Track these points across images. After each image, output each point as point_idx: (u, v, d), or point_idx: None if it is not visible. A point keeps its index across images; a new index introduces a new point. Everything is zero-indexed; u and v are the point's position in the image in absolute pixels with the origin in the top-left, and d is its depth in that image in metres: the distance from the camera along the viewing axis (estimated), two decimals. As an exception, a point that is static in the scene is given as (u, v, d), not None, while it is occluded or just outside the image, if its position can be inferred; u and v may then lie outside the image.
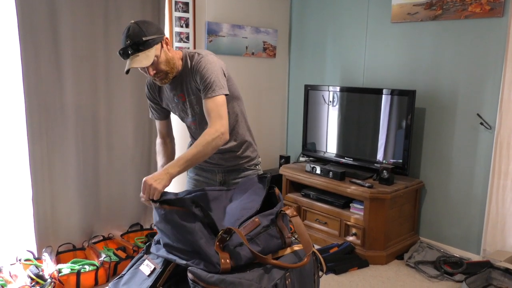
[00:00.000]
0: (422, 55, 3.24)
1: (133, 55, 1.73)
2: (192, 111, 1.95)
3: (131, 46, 1.71)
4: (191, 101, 1.92)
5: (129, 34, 1.72)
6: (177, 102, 1.95)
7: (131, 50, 1.72)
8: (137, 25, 1.74)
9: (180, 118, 2.04)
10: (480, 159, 3.01)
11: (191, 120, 1.98)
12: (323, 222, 3.35)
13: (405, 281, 2.84)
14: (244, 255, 1.46)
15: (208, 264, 1.43)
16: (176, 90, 1.92)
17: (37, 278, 2.48)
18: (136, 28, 1.73)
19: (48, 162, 2.82)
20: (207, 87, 1.78)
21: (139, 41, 1.71)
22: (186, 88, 1.90)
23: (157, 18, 3.14)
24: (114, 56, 3.00)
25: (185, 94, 1.91)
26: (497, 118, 2.86)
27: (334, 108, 3.56)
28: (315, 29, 3.96)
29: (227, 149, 2.00)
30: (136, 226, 3.30)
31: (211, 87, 1.78)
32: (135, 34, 1.72)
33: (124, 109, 3.11)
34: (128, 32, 1.72)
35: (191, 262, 1.46)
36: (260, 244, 1.51)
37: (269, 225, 1.56)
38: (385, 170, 3.11)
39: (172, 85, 1.91)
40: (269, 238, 1.55)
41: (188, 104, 1.93)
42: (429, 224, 3.34)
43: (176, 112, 2.01)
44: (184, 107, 1.95)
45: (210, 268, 1.43)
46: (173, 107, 1.99)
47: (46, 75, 2.74)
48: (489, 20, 2.88)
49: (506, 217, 2.88)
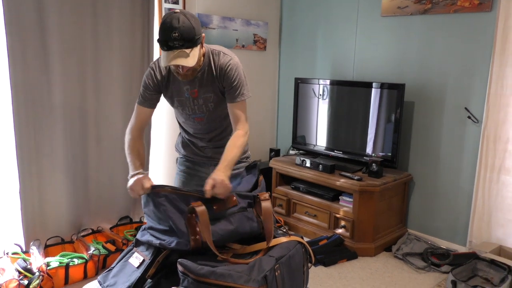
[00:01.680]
0: (411, 49, 3.26)
1: (179, 50, 1.63)
2: (204, 108, 1.92)
3: (178, 40, 1.61)
4: (206, 98, 1.89)
5: (179, 27, 1.60)
6: (188, 97, 1.89)
7: (178, 44, 1.62)
8: (186, 18, 1.63)
9: (182, 112, 1.96)
10: (468, 153, 3.05)
11: (199, 116, 1.94)
12: (312, 214, 3.37)
13: (393, 272, 2.88)
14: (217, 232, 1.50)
15: (180, 242, 1.47)
16: (191, 85, 1.86)
17: (25, 272, 2.46)
18: (186, 22, 1.62)
19: (35, 154, 2.79)
20: (237, 91, 1.83)
21: (189, 38, 1.63)
22: (203, 85, 1.86)
23: (147, 9, 3.11)
24: (103, 48, 2.97)
25: (200, 91, 1.87)
26: (484, 112, 2.90)
27: (324, 101, 3.57)
28: (305, 22, 3.95)
29: (224, 143, 2.01)
30: (125, 219, 3.28)
31: (241, 91, 1.84)
32: (187, 29, 1.62)
33: (112, 101, 3.08)
34: (178, 24, 1.61)
35: (165, 242, 1.50)
36: (234, 223, 1.55)
37: (246, 207, 1.60)
38: (374, 163, 3.13)
39: (188, 79, 1.84)
40: (244, 219, 1.58)
41: (202, 101, 1.89)
42: (417, 217, 3.38)
43: (179, 106, 1.93)
44: (194, 103, 1.90)
45: (181, 246, 1.47)
46: (180, 100, 1.92)
47: (33, 68, 2.70)
48: (477, 14, 2.90)
49: (492, 209, 2.92)
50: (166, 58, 1.65)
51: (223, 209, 1.56)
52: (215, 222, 1.52)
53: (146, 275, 1.50)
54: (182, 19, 1.62)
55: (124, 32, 3.03)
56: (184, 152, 2.13)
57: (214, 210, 1.54)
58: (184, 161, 2.15)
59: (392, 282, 2.75)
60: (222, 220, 1.54)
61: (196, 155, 2.09)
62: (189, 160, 2.12)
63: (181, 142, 2.14)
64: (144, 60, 3.17)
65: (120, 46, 3.03)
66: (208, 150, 2.06)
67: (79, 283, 2.56)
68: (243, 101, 1.86)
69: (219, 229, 1.51)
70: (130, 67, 3.11)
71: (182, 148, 2.13)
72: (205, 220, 1.48)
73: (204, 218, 1.48)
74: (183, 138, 2.13)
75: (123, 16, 3.01)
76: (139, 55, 3.14)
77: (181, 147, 2.14)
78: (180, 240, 1.48)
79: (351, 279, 2.77)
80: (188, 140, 2.10)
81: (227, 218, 1.55)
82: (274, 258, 1.49)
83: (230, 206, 1.57)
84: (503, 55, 2.76)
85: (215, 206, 1.55)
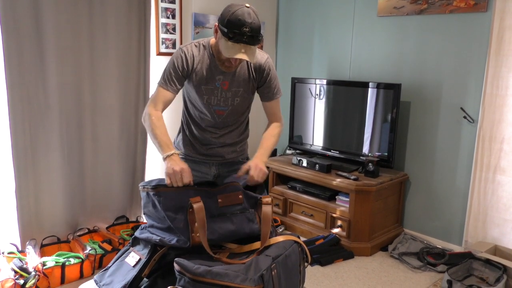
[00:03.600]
0: (407, 49, 3.27)
1: (246, 44, 1.65)
2: (229, 102, 1.92)
3: (248, 36, 1.64)
4: (235, 92, 1.90)
5: (251, 23, 1.63)
6: (218, 86, 1.88)
7: (247, 40, 1.64)
8: (256, 15, 1.67)
9: (205, 101, 1.92)
10: (463, 152, 3.06)
11: (221, 109, 1.93)
12: (309, 214, 3.38)
13: (389, 272, 2.89)
14: (216, 230, 1.51)
15: (180, 239, 1.48)
16: (224, 76, 1.87)
17: (21, 271, 2.45)
18: (256, 19, 1.66)
19: (31, 153, 2.78)
20: (275, 89, 1.96)
21: (258, 36, 1.67)
22: (235, 79, 1.88)
23: (143, 8, 3.10)
24: (99, 47, 2.96)
25: (231, 84, 1.88)
26: (480, 112, 2.91)
27: (320, 101, 3.57)
28: (302, 22, 3.96)
29: (231, 141, 2.05)
30: (121, 218, 3.28)
31: (278, 89, 1.98)
32: (257, 26, 1.66)
33: (109, 100, 3.07)
34: (250, 19, 1.63)
35: (166, 239, 1.52)
36: (235, 223, 1.57)
37: (248, 208, 1.61)
38: (371, 163, 3.14)
39: (221, 70, 1.85)
40: (245, 220, 1.59)
41: (230, 94, 1.90)
42: (413, 216, 3.39)
43: (205, 95, 1.90)
44: (221, 95, 1.90)
45: (181, 243, 1.49)
46: (208, 88, 1.89)
47: (29, 66, 2.68)
48: (473, 15, 2.91)
49: (487, 209, 2.94)
50: (231, 49, 1.66)
51: (228, 204, 1.56)
52: (216, 219, 1.52)
53: (142, 273, 1.50)
54: (253, 15, 1.65)
55: (121, 31, 3.03)
56: (185, 151, 2.08)
57: (219, 204, 1.55)
58: (184, 160, 2.08)
59: (388, 282, 2.76)
60: (224, 218, 1.55)
61: (198, 153, 2.05)
62: (190, 159, 2.07)
63: (182, 140, 2.09)
64: (140, 58, 3.16)
65: (117, 45, 3.03)
66: (212, 147, 2.03)
67: (75, 283, 2.56)
68: (279, 98, 2.01)
69: (219, 227, 1.51)
70: (127, 65, 3.11)
71: (183, 146, 2.08)
72: (202, 217, 1.48)
73: (200, 216, 1.48)
74: (185, 135, 2.08)
75: (120, 15, 3.00)
76: (135, 54, 3.13)
77: (182, 146, 2.09)
78: (180, 237, 1.49)
79: (347, 279, 2.78)
80: (192, 136, 2.05)
81: (229, 217, 1.55)
82: (271, 258, 1.49)
83: (235, 203, 1.57)
84: (499, 55, 2.77)
85: (220, 199, 1.56)
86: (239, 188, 1.62)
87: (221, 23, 1.69)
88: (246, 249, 1.56)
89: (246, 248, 1.57)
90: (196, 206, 1.48)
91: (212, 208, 1.53)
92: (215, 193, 1.56)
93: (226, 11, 1.67)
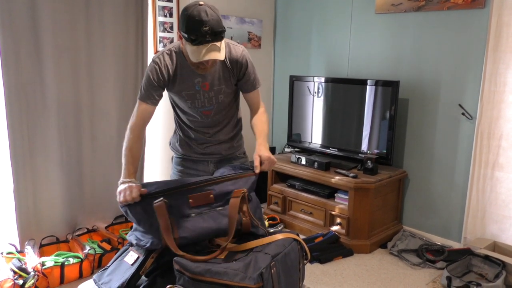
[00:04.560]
0: (405, 46, 3.27)
1: (210, 43, 1.61)
2: (214, 100, 1.91)
3: (209, 34, 1.59)
4: (217, 90, 1.88)
5: (209, 20, 1.59)
6: (198, 89, 1.87)
7: (210, 38, 1.60)
8: (212, 10, 1.62)
9: (190, 106, 1.92)
10: (462, 149, 3.06)
11: (207, 109, 1.93)
12: (308, 212, 3.38)
13: (388, 269, 2.89)
14: (188, 228, 1.51)
15: (153, 241, 1.49)
16: (203, 78, 1.84)
17: (20, 271, 2.45)
18: (214, 14, 1.62)
19: (29, 153, 2.77)
20: (254, 80, 1.94)
21: (219, 31, 1.62)
22: (214, 78, 1.85)
23: (141, 6, 3.09)
24: (97, 45, 2.95)
25: (211, 84, 1.86)
26: (478, 109, 2.91)
27: (319, 99, 3.57)
28: (300, 20, 3.95)
29: (226, 137, 2.04)
30: (121, 218, 3.27)
31: (257, 80, 1.95)
32: (216, 22, 1.61)
33: (107, 99, 3.06)
34: (207, 17, 1.59)
35: (142, 243, 1.53)
36: (207, 220, 1.55)
37: (223, 204, 1.58)
38: (369, 160, 3.14)
39: (197, 72, 1.83)
40: (219, 216, 1.57)
41: (213, 93, 1.88)
42: (412, 213, 3.39)
43: (188, 100, 1.89)
44: (204, 96, 1.89)
45: (153, 245, 1.50)
46: (188, 94, 1.88)
47: (26, 65, 2.68)
48: (471, 11, 2.91)
49: (486, 205, 2.94)
50: (197, 53, 1.63)
51: (199, 204, 1.56)
52: (189, 218, 1.53)
53: (140, 271, 1.51)
54: (209, 12, 1.61)
55: (118, 30, 3.02)
56: (182, 151, 2.08)
57: (190, 204, 1.55)
58: (181, 160, 2.09)
59: (388, 279, 2.76)
60: (196, 217, 1.55)
61: (195, 153, 2.05)
62: (187, 159, 2.07)
63: (178, 141, 2.08)
64: (138, 57, 3.15)
65: (114, 43, 3.02)
66: (209, 146, 2.04)
67: (75, 283, 2.55)
68: (259, 88, 1.99)
69: (192, 225, 1.52)
70: (124, 64, 3.10)
71: (180, 147, 2.08)
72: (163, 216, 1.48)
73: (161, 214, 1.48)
74: (180, 137, 2.07)
75: (117, 14, 2.99)
76: (133, 53, 3.12)
77: (178, 146, 2.08)
78: (153, 239, 1.50)
79: (347, 276, 2.78)
80: (187, 137, 2.05)
81: (201, 215, 1.55)
82: (270, 256, 1.49)
83: (206, 202, 1.57)
84: (497, 52, 2.77)
85: (191, 200, 1.55)
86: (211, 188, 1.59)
87: (181, 30, 1.65)
88: (244, 248, 1.56)
89: (244, 246, 1.56)
90: (156, 205, 1.48)
91: (184, 208, 1.53)
92: (185, 193, 1.55)
93: (183, 16, 1.64)
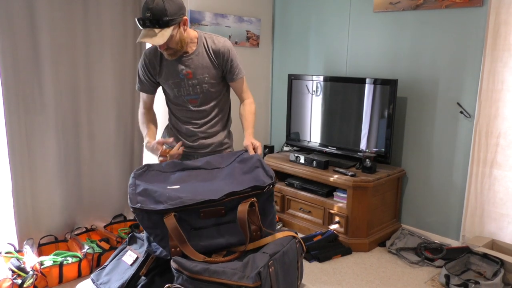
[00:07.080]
0: (403, 44, 3.27)
1: (149, 28, 1.73)
2: (198, 89, 1.99)
3: (150, 20, 1.71)
4: (201, 79, 1.98)
5: (152, 7, 1.70)
6: (182, 78, 1.98)
7: (149, 23, 1.72)
8: (162, 0, 1.71)
9: (177, 94, 2.03)
10: (460, 147, 3.07)
11: (193, 97, 2.01)
12: (307, 211, 3.38)
13: (387, 267, 2.90)
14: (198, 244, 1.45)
15: (163, 251, 1.47)
16: (186, 67, 1.95)
17: (19, 271, 2.45)
18: (160, 3, 1.71)
19: (27, 152, 2.77)
20: (237, 69, 2.03)
21: (159, 19, 1.71)
22: (198, 67, 1.95)
23: (139, 5, 3.09)
24: (94, 44, 2.95)
25: (194, 72, 1.96)
26: (476, 107, 2.91)
27: (317, 97, 3.57)
28: (298, 18, 3.95)
29: (214, 131, 2.10)
30: (119, 217, 3.27)
31: (239, 68, 2.05)
32: (158, 10, 1.71)
33: (105, 98, 3.06)
34: (152, 4, 1.70)
35: (152, 248, 1.51)
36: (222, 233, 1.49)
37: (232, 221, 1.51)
38: (368, 159, 3.14)
39: (182, 61, 1.94)
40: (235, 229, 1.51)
41: (196, 81, 1.98)
42: (410, 212, 3.40)
43: (174, 88, 2.01)
44: (188, 84, 1.98)
45: (162, 256, 1.47)
46: (174, 82, 1.99)
47: (24, 65, 2.67)
48: (469, 9, 2.91)
49: (484, 203, 2.94)
50: (140, 34, 1.77)
51: (210, 217, 1.49)
52: (198, 231, 1.46)
53: (139, 272, 1.50)
54: (157, 1, 1.71)
55: (116, 28, 3.01)
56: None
57: (201, 217, 1.48)
58: None
59: (386, 277, 2.76)
60: (206, 229, 1.48)
61: (184, 146, 2.09)
62: None
63: (168, 133, 2.18)
64: (136, 57, 3.15)
65: (112, 42, 3.01)
66: (197, 139, 2.10)
67: (73, 282, 2.55)
68: (243, 77, 2.08)
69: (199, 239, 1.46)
70: (122, 64, 3.09)
71: None
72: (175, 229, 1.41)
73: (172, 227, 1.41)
74: (170, 130, 2.16)
75: (115, 12, 2.98)
76: (131, 52, 3.12)
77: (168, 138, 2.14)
78: (163, 252, 1.46)
79: (346, 275, 2.79)
80: (177, 130, 2.13)
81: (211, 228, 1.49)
82: (268, 255, 1.49)
83: (216, 215, 1.49)
84: (495, 50, 2.77)
85: (202, 213, 1.48)
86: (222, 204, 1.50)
87: None
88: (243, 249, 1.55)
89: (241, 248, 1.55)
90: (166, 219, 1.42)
91: (194, 220, 1.47)
92: (197, 209, 1.48)
93: None
